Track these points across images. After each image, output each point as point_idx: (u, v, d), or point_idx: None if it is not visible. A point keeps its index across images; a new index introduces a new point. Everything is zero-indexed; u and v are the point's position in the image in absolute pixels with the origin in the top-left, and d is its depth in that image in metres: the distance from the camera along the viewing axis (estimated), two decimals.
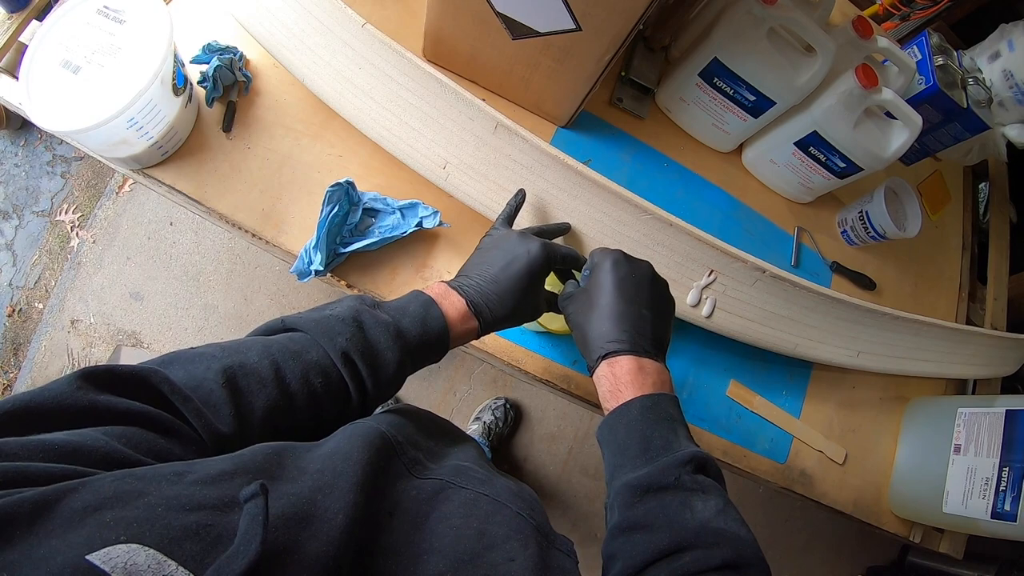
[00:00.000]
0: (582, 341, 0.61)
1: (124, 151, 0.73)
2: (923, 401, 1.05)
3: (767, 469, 0.94)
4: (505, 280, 0.61)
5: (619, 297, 0.59)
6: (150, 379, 0.39)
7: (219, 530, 0.29)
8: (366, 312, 0.53)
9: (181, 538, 0.28)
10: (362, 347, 0.50)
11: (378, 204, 0.81)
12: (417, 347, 0.54)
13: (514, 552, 0.43)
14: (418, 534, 0.41)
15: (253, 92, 0.85)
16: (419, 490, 0.45)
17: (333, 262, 0.79)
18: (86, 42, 0.67)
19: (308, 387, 0.47)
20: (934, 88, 1.06)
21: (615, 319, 0.58)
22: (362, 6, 0.88)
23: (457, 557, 0.40)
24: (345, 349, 0.49)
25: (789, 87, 0.89)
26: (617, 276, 0.60)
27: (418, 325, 0.55)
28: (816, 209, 1.12)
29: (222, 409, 0.42)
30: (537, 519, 0.49)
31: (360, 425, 0.46)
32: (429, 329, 0.56)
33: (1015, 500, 0.83)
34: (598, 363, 0.57)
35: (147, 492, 0.29)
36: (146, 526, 0.27)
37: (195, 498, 0.30)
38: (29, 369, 1.67)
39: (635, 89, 1.01)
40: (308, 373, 0.47)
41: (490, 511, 0.46)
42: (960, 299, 1.20)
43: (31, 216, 1.72)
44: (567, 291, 0.65)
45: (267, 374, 0.45)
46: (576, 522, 1.84)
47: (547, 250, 0.63)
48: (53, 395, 0.34)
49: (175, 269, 1.73)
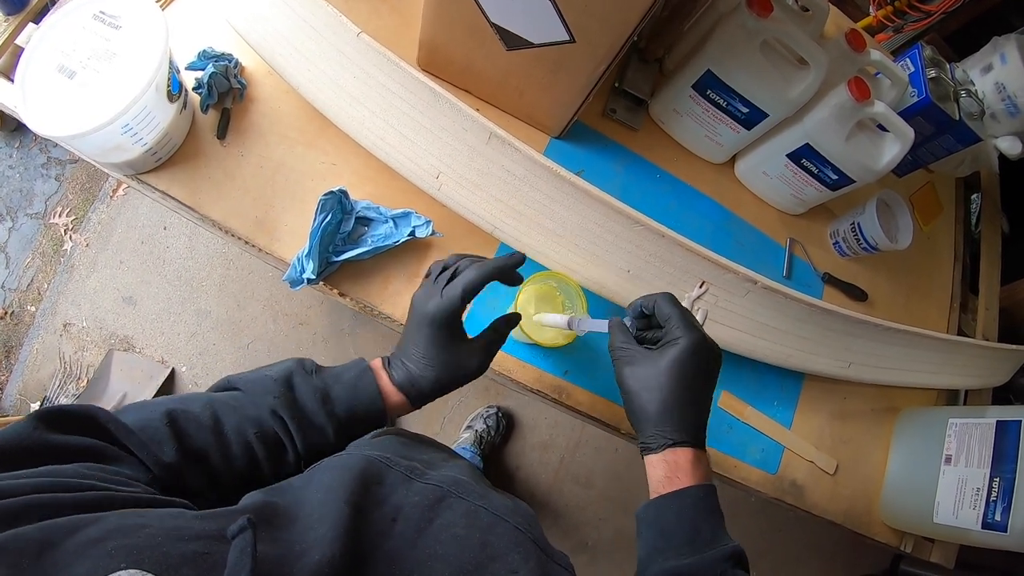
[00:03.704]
0: (638, 411, 0.57)
1: (118, 157, 0.73)
2: (914, 412, 1.05)
3: (758, 479, 0.94)
4: (420, 348, 0.59)
5: (690, 387, 0.56)
6: (98, 417, 0.42)
7: (216, 558, 0.30)
8: (299, 375, 0.55)
9: (179, 564, 0.29)
10: (291, 408, 0.52)
11: (371, 213, 0.81)
12: (345, 414, 0.55)
13: (516, 565, 0.44)
14: (422, 539, 0.42)
15: (248, 99, 0.85)
16: (421, 495, 0.46)
17: (326, 271, 0.78)
18: (82, 47, 0.67)
19: (242, 437, 0.49)
20: (926, 100, 1.07)
21: (682, 409, 0.55)
22: (357, 15, 0.88)
23: (461, 566, 0.41)
24: (274, 407, 0.52)
25: (782, 99, 0.90)
26: (695, 366, 0.56)
27: (348, 392, 0.56)
28: (808, 221, 1.13)
29: (165, 443, 0.45)
30: (535, 534, 0.50)
31: (341, 456, 0.48)
32: (359, 398, 0.56)
33: (1005, 511, 0.83)
34: (658, 451, 0.55)
35: (149, 525, 0.31)
36: (146, 553, 0.29)
37: (194, 529, 0.32)
38: (20, 372, 1.66)
39: (629, 100, 1.01)
40: (243, 424, 0.50)
41: (490, 523, 0.47)
42: (952, 310, 1.20)
43: (25, 218, 1.71)
44: (627, 347, 0.59)
45: (206, 421, 0.48)
46: (567, 531, 1.83)
47: (447, 298, 0.57)
48: (14, 436, 0.37)
49: (168, 274, 1.73)
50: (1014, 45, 1.15)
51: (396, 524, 0.43)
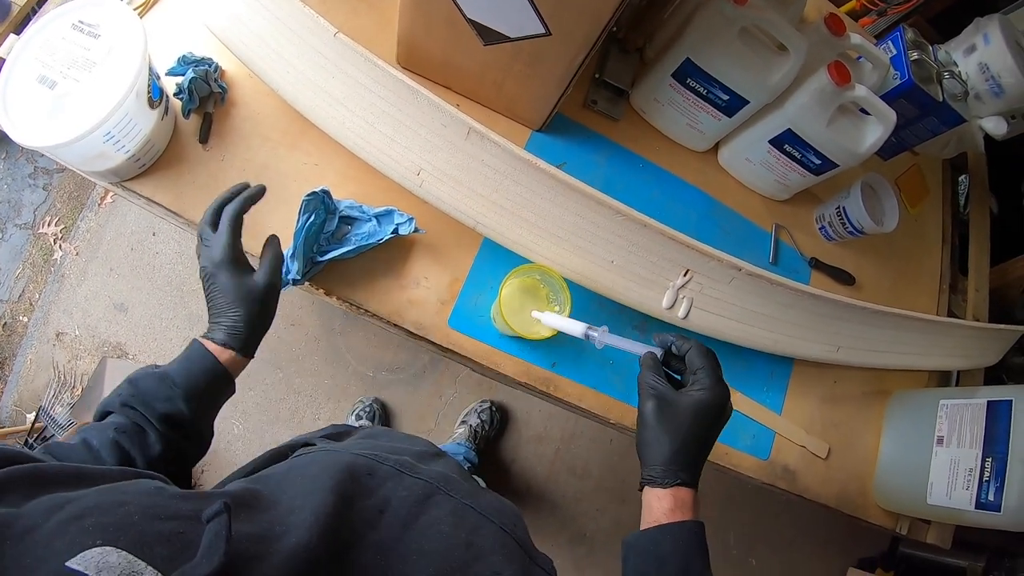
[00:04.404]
0: (653, 444, 0.58)
1: (102, 164, 0.74)
2: (905, 394, 1.05)
3: (750, 465, 0.95)
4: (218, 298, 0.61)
5: (705, 435, 0.58)
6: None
7: (190, 537, 0.31)
8: (142, 371, 0.58)
9: (153, 543, 0.30)
10: (135, 395, 0.55)
11: (354, 212, 0.81)
12: (184, 379, 0.57)
13: (499, 566, 0.44)
14: (408, 533, 0.43)
15: (229, 103, 0.85)
16: (410, 490, 0.47)
17: (311, 271, 0.79)
18: (62, 57, 0.67)
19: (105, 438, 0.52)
20: (909, 83, 1.07)
21: (695, 452, 0.58)
22: (336, 15, 0.88)
23: (446, 564, 0.42)
24: (123, 400, 0.55)
25: (762, 86, 0.90)
26: (714, 416, 0.59)
27: (180, 363, 0.58)
28: (793, 206, 1.13)
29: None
30: (519, 536, 0.50)
31: (329, 452, 0.50)
32: (191, 360, 0.58)
33: (998, 490, 0.84)
34: (667, 486, 0.57)
35: (127, 502, 0.32)
36: (121, 531, 0.30)
37: (170, 509, 0.33)
38: (15, 383, 1.66)
39: (609, 91, 1.01)
40: (104, 430, 0.52)
41: (476, 523, 0.48)
42: (941, 291, 1.21)
43: (14, 229, 1.71)
44: (658, 383, 0.60)
45: (75, 441, 0.52)
46: (565, 522, 1.84)
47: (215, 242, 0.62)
48: None
49: (159, 279, 1.72)
50: (997, 25, 1.14)
51: (384, 516, 0.43)
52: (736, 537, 1.97)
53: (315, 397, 1.75)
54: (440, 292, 0.86)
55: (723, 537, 1.96)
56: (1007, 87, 1.14)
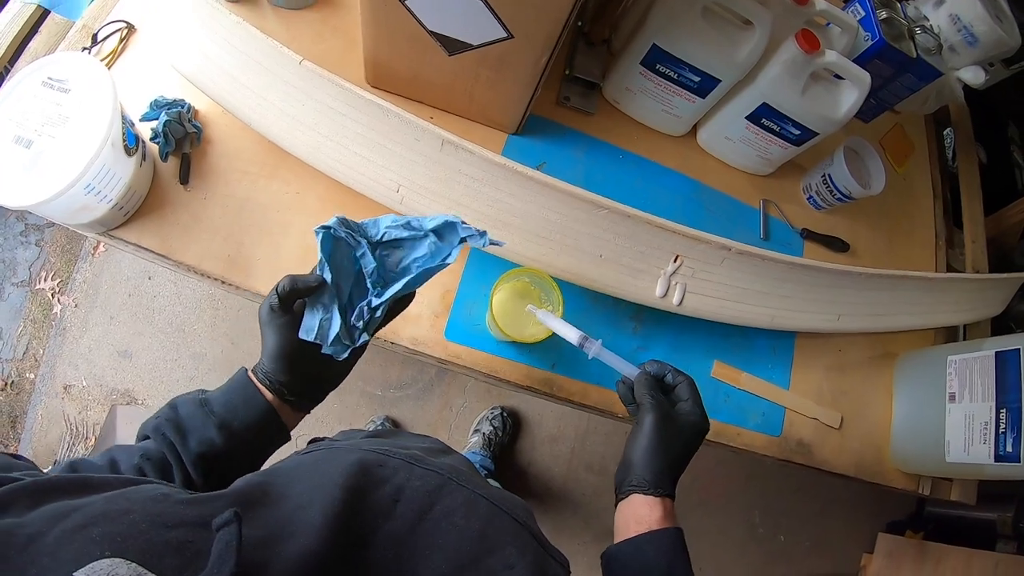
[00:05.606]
0: (648, 453, 0.61)
1: (87, 216, 0.74)
2: (912, 355, 1.04)
3: (763, 444, 0.94)
4: (266, 348, 0.58)
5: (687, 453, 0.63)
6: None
7: (199, 546, 0.31)
8: (182, 397, 0.56)
9: (162, 553, 0.30)
10: (171, 420, 0.53)
11: (401, 232, 0.59)
12: (223, 410, 0.54)
13: (512, 559, 0.44)
14: (422, 525, 0.42)
15: (205, 141, 0.85)
16: (423, 480, 0.46)
17: (370, 321, 0.60)
18: (35, 115, 0.68)
19: (131, 463, 0.50)
20: (880, 43, 1.06)
21: (679, 466, 0.62)
22: (300, 44, 0.89)
23: (459, 558, 0.41)
24: (157, 426, 0.53)
25: (731, 63, 0.89)
26: (696, 438, 0.64)
27: (223, 392, 0.56)
28: (779, 179, 1.12)
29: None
30: (533, 527, 0.50)
31: (337, 449, 0.48)
32: (233, 390, 0.56)
33: (1016, 440, 0.83)
34: (656, 495, 0.59)
35: (133, 510, 0.31)
36: (129, 541, 0.29)
37: (177, 515, 0.32)
38: (29, 440, 1.67)
39: (581, 86, 1.01)
40: (132, 453, 0.51)
41: (489, 514, 0.47)
42: (938, 247, 1.20)
43: (11, 288, 1.72)
44: (657, 398, 0.64)
45: (100, 462, 0.50)
46: (588, 519, 1.83)
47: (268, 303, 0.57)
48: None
49: (159, 323, 1.73)
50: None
51: (398, 505, 0.43)
52: (761, 515, 1.96)
53: (327, 421, 1.75)
54: (433, 305, 0.86)
55: (748, 517, 1.96)
56: (980, 35, 1.13)
